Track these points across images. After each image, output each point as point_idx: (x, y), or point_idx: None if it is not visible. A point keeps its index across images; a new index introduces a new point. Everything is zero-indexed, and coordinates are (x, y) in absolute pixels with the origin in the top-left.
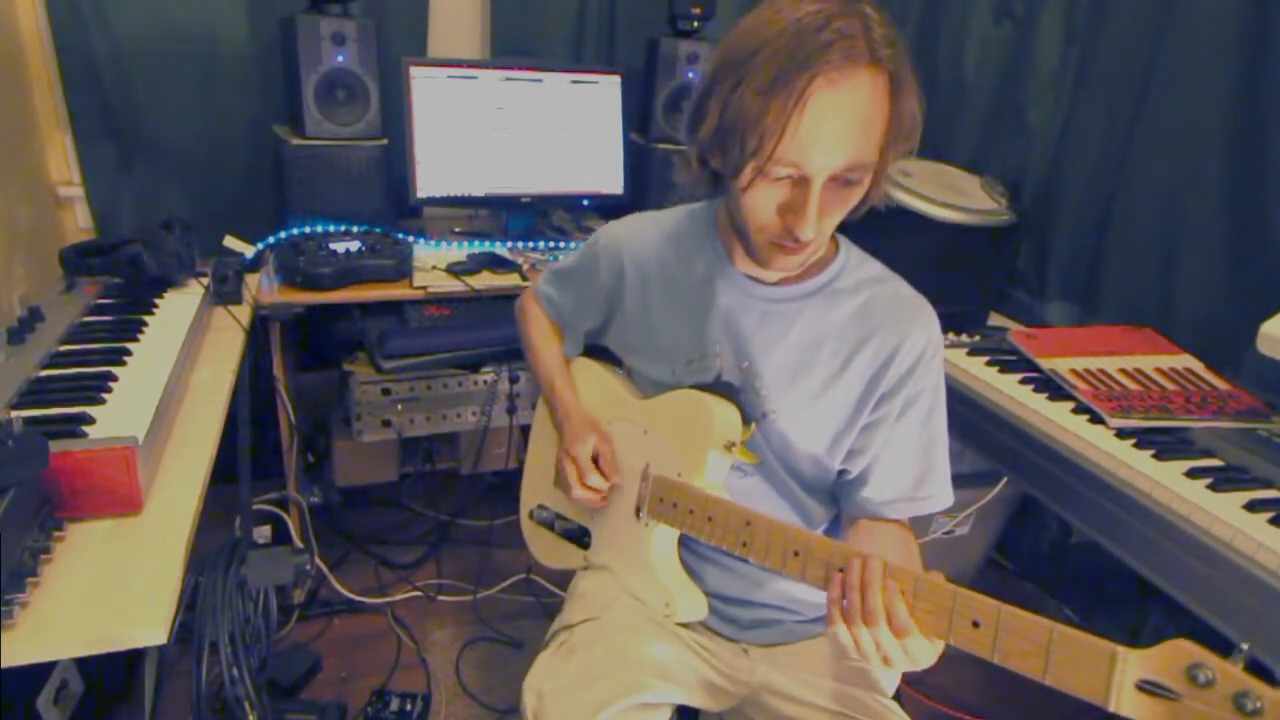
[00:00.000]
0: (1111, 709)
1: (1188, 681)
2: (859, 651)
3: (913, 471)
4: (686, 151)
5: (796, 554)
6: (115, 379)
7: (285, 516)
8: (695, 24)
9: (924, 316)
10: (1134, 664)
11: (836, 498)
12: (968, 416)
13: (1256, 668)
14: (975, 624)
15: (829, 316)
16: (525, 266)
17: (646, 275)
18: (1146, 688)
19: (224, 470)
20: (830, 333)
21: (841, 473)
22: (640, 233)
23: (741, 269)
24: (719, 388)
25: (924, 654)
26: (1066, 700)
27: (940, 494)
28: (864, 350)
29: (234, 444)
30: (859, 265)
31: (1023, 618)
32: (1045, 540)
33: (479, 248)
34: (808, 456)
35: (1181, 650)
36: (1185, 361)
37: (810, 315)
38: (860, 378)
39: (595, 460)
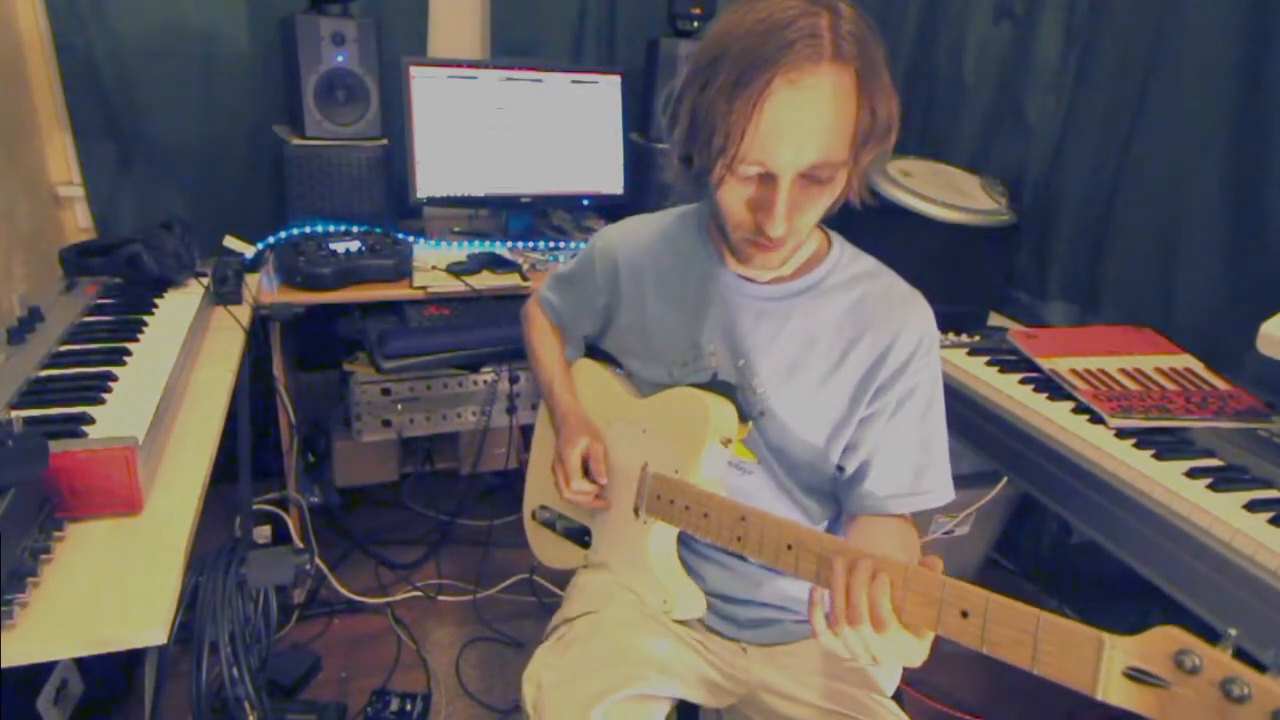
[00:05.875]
0: (1099, 697)
1: (1175, 668)
2: (849, 652)
3: (912, 466)
4: (670, 152)
5: (789, 548)
6: (115, 379)
7: (285, 516)
8: (695, 24)
9: (918, 310)
10: (1121, 651)
11: (837, 496)
12: (968, 416)
13: (1244, 657)
14: (964, 614)
15: (823, 313)
16: (525, 266)
17: (641, 278)
18: (1134, 675)
19: (224, 470)
20: (824, 329)
21: (840, 469)
22: (634, 235)
23: (734, 269)
24: (716, 386)
25: (911, 650)
26: (1066, 699)
27: (940, 488)
28: (859, 345)
29: (234, 444)
30: (852, 261)
31: (1010, 606)
32: (1045, 540)
33: (479, 248)
34: (805, 453)
35: (1169, 637)
36: (1185, 361)
37: (804, 312)
38: (855, 372)
39: (586, 462)
